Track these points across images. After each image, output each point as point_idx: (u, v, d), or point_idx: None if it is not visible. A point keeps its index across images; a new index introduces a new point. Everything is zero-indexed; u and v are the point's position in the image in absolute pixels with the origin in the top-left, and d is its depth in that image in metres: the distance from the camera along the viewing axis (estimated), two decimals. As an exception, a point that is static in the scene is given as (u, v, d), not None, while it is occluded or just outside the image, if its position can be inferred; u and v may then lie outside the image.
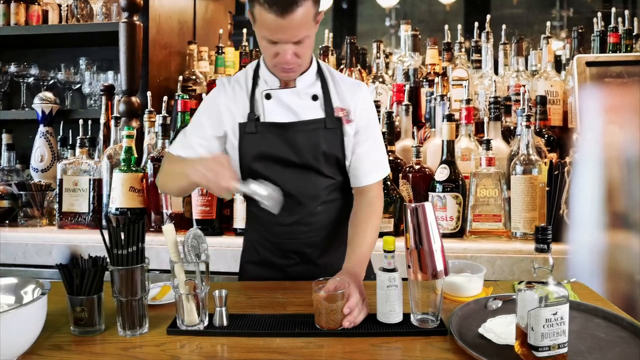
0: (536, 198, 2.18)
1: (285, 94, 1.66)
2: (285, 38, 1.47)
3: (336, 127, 1.66)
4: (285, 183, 1.66)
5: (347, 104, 1.68)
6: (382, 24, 3.71)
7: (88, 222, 2.56)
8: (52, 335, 1.31)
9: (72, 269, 1.30)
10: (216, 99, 1.69)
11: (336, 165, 1.71)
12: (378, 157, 1.75)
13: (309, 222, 1.71)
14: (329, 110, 1.66)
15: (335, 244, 1.77)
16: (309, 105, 1.67)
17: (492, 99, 2.45)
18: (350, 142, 1.69)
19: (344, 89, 1.70)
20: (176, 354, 1.21)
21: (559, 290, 1.07)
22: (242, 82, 1.71)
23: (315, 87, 1.68)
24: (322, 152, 1.65)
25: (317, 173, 1.69)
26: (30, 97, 3.10)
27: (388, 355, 1.21)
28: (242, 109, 1.67)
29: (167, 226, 1.32)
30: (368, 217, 1.69)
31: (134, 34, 2.78)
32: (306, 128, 1.64)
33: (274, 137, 1.65)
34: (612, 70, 2.48)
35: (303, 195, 1.69)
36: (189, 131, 1.71)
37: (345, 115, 1.67)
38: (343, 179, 1.75)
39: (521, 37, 2.79)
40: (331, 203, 1.74)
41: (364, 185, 1.73)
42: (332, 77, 1.71)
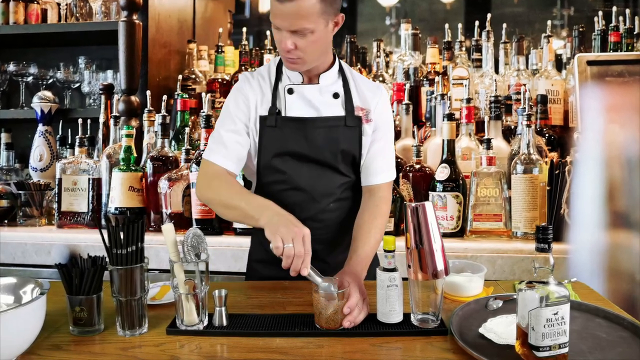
0: (537, 197, 2.18)
1: (308, 89, 1.68)
2: (282, 24, 1.50)
3: (356, 125, 1.69)
4: (300, 178, 1.68)
5: (367, 104, 1.71)
6: (382, 23, 3.70)
7: (87, 222, 2.56)
8: (51, 335, 1.31)
9: (71, 268, 1.30)
10: (243, 90, 1.70)
11: (352, 164, 1.73)
12: (389, 158, 1.77)
13: (321, 219, 1.71)
14: (350, 108, 1.69)
15: (346, 242, 1.76)
16: (330, 103, 1.69)
17: (493, 98, 2.45)
18: (368, 141, 1.72)
19: (364, 89, 1.73)
20: (175, 354, 1.21)
21: (559, 290, 1.07)
22: (265, 75, 1.73)
23: (337, 85, 1.71)
24: (340, 150, 1.68)
25: (333, 170, 1.71)
26: (29, 96, 3.10)
27: (388, 355, 1.21)
28: (265, 102, 1.69)
29: (166, 226, 1.33)
30: (373, 219, 1.68)
31: (133, 33, 2.78)
32: (326, 124, 1.67)
33: (293, 131, 1.66)
34: (613, 69, 2.48)
35: (317, 192, 1.70)
36: (221, 133, 1.67)
37: (365, 115, 1.70)
38: (356, 178, 1.77)
39: (522, 35, 2.79)
40: (344, 201, 1.75)
41: (373, 185, 1.73)
42: (353, 78, 1.75)
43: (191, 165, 2.34)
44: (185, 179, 2.39)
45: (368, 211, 1.71)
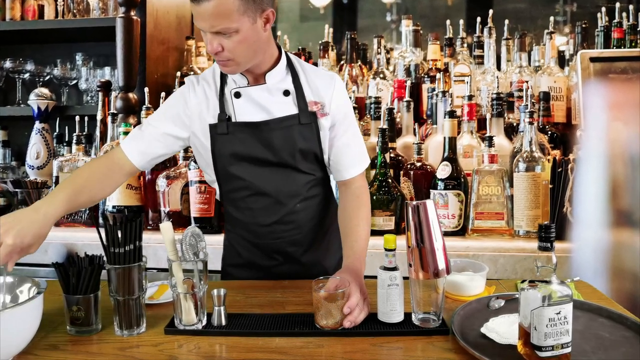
0: (539, 196, 2.18)
1: (255, 91, 1.63)
2: (203, 26, 1.47)
3: (311, 121, 1.64)
4: (262, 183, 1.66)
5: (322, 97, 1.67)
6: (383, 19, 3.69)
7: (85, 220, 2.56)
8: (48, 335, 1.31)
9: (69, 267, 1.31)
10: (186, 99, 1.66)
11: (314, 161, 1.70)
12: (358, 148, 1.74)
13: (289, 221, 1.71)
14: (303, 105, 1.64)
15: (318, 240, 1.77)
16: (281, 101, 1.64)
17: (495, 95, 2.45)
18: (327, 136, 1.68)
19: (316, 82, 1.68)
20: (174, 354, 1.21)
21: (562, 289, 1.07)
22: (210, 80, 1.68)
23: (286, 82, 1.66)
24: (298, 149, 1.64)
25: (295, 170, 1.67)
26: (25, 93, 3.10)
27: (389, 355, 1.21)
28: (212, 109, 1.65)
29: (164, 224, 1.32)
30: (358, 210, 1.68)
31: (131, 29, 2.77)
32: (280, 125, 1.62)
33: (248, 136, 1.63)
34: (616, 66, 2.48)
35: (282, 194, 1.68)
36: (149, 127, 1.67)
37: (320, 109, 1.66)
38: (323, 174, 1.75)
39: (524, 32, 2.78)
40: (311, 199, 1.73)
41: (347, 179, 1.72)
42: (303, 71, 1.69)
43: (190, 163, 2.34)
44: (183, 177, 2.38)
45: (350, 204, 1.70)
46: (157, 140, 1.65)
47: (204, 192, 2.32)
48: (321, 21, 3.59)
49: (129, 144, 1.66)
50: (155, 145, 1.66)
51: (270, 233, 1.72)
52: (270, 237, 1.73)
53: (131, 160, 1.64)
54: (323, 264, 1.78)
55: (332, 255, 1.80)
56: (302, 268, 1.76)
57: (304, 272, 1.73)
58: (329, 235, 1.80)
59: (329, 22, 3.50)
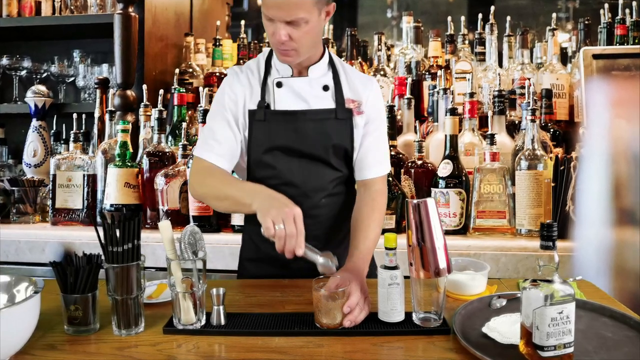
0: (541, 194, 2.18)
1: (297, 82, 1.68)
2: (277, 15, 1.50)
3: (346, 117, 1.69)
4: (292, 173, 1.68)
5: (359, 96, 1.72)
6: (383, 16, 3.69)
7: (82, 219, 2.56)
8: (46, 335, 1.30)
9: (66, 266, 1.30)
10: (232, 86, 1.70)
11: (344, 157, 1.73)
12: (384, 151, 1.78)
13: (312, 215, 1.70)
14: (340, 100, 1.69)
15: (338, 238, 1.77)
16: (320, 95, 1.69)
17: (497, 92, 2.45)
18: (360, 134, 1.72)
19: (355, 81, 1.74)
20: (173, 354, 1.21)
21: (564, 288, 1.07)
22: (254, 69, 1.73)
23: (326, 77, 1.71)
24: (332, 144, 1.68)
25: (325, 165, 1.71)
26: (22, 91, 3.10)
27: (389, 355, 1.21)
28: (254, 96, 1.69)
29: (163, 223, 1.32)
30: (371, 212, 1.69)
31: (129, 26, 2.77)
32: (316, 117, 1.67)
33: (283, 125, 1.67)
34: (619, 63, 2.48)
35: (309, 187, 1.70)
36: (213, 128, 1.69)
37: (357, 107, 1.70)
38: (349, 172, 1.77)
39: (526, 28, 2.78)
40: (335, 196, 1.75)
41: (368, 179, 1.74)
42: (343, 69, 1.75)
43: (188, 161, 2.34)
44: (182, 175, 2.38)
45: (365, 205, 1.71)
46: (234, 140, 1.68)
47: (202, 191, 2.32)
48: (321, 17, 3.57)
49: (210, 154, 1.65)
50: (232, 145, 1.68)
51: None
52: None
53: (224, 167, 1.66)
54: (340, 262, 1.77)
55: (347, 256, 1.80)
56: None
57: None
58: (347, 238, 1.80)
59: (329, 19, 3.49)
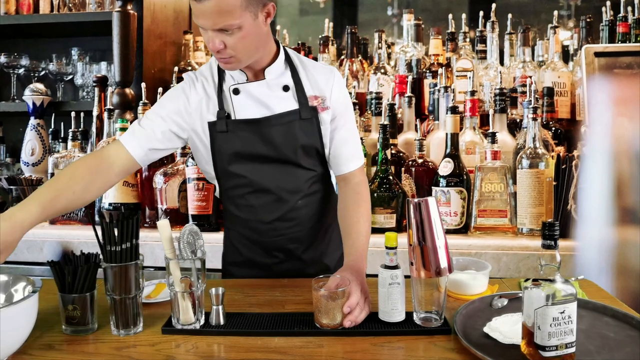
0: (543, 193, 2.18)
1: (254, 87, 1.63)
2: (205, 24, 1.44)
3: (312, 116, 1.65)
4: (263, 180, 1.66)
5: (322, 91, 1.67)
6: (384, 13, 3.69)
7: (80, 218, 2.56)
8: (44, 335, 1.30)
9: (64, 266, 1.30)
10: (188, 95, 1.64)
11: (316, 156, 1.71)
12: (357, 142, 1.75)
13: (291, 218, 1.71)
14: (303, 99, 1.64)
15: (319, 237, 1.77)
16: (281, 97, 1.64)
17: (498, 90, 2.45)
18: (328, 130, 1.68)
19: (316, 76, 1.68)
20: (171, 354, 1.21)
21: (566, 288, 1.06)
22: (208, 76, 1.67)
23: (285, 77, 1.66)
24: (300, 145, 1.64)
25: (296, 166, 1.68)
26: (20, 89, 3.10)
27: (390, 355, 1.21)
28: (212, 106, 1.64)
29: (162, 222, 1.32)
30: (358, 206, 1.68)
31: (127, 24, 2.77)
32: (281, 121, 1.62)
33: (248, 134, 1.62)
34: (621, 61, 2.47)
35: (283, 190, 1.68)
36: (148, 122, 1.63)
37: (321, 103, 1.66)
38: (324, 169, 1.75)
39: (528, 26, 2.77)
40: (312, 196, 1.74)
41: (346, 173, 1.72)
42: (302, 65, 1.69)
43: (187, 160, 2.34)
44: (181, 173, 2.38)
45: (350, 200, 1.69)
46: (158, 135, 1.62)
47: (201, 189, 2.32)
48: (321, 15, 3.58)
49: (129, 138, 1.61)
50: (156, 140, 1.62)
51: (272, 230, 1.72)
52: (272, 235, 1.73)
53: (132, 154, 1.59)
54: (324, 261, 1.79)
55: (332, 252, 1.81)
56: (303, 265, 1.76)
57: (305, 270, 1.73)
58: (330, 232, 1.80)
59: (329, 16, 3.49)
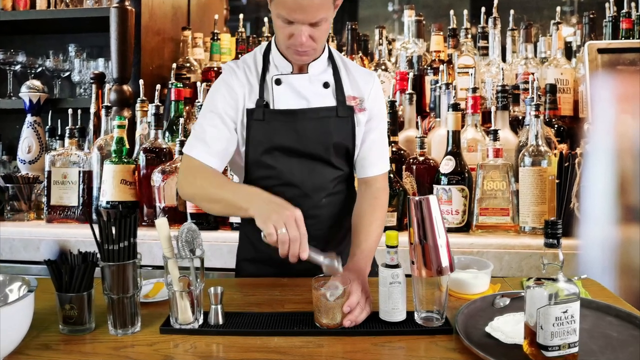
0: (545, 191, 2.18)
1: (297, 79, 1.65)
2: (302, 18, 1.46)
3: (348, 115, 1.67)
4: (291, 173, 1.66)
5: (360, 93, 1.69)
6: (384, 9, 3.69)
7: (77, 216, 2.55)
8: (40, 334, 1.30)
9: (61, 265, 1.30)
10: (230, 83, 1.65)
11: (345, 156, 1.72)
12: (384, 148, 1.77)
13: (313, 215, 1.69)
14: (341, 98, 1.67)
15: (338, 238, 1.77)
16: (320, 93, 1.66)
17: (500, 87, 2.44)
18: (361, 132, 1.70)
19: (356, 77, 1.71)
20: (170, 354, 1.21)
21: (569, 287, 1.06)
22: (251, 65, 1.69)
23: (327, 73, 1.68)
24: (333, 143, 1.65)
25: (325, 164, 1.69)
26: (17, 86, 3.09)
27: (391, 355, 1.21)
28: (253, 94, 1.65)
29: (160, 220, 1.32)
30: (373, 210, 1.68)
31: (125, 20, 2.76)
32: (317, 115, 1.64)
33: (283, 125, 1.64)
34: (625, 58, 2.47)
35: (309, 186, 1.68)
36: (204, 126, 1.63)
37: (358, 104, 1.68)
38: (349, 170, 1.76)
39: (530, 22, 2.77)
40: (336, 195, 1.74)
41: (370, 176, 1.73)
42: (344, 65, 1.72)
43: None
44: (179, 171, 2.38)
45: (367, 204, 1.70)
46: (227, 139, 1.63)
47: (200, 188, 2.31)
48: (321, 11, 3.56)
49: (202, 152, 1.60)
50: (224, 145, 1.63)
51: None
52: None
53: (211, 165, 1.60)
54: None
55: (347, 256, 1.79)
56: (318, 265, 1.74)
57: (319, 270, 1.71)
58: (349, 236, 1.79)
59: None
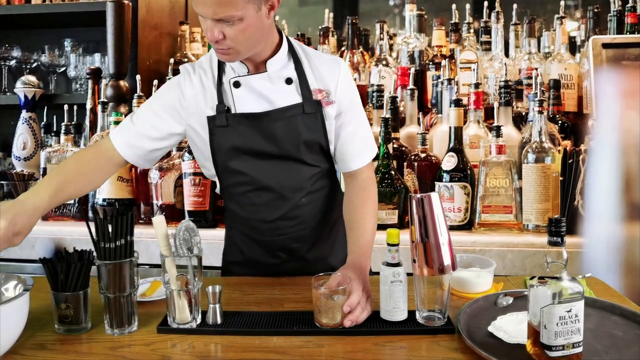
0: (549, 188, 2.18)
1: (256, 79, 1.60)
2: (204, 12, 1.41)
3: (316, 111, 1.61)
4: (265, 177, 1.64)
5: (326, 85, 1.64)
6: (385, 4, 3.68)
7: (73, 214, 2.55)
8: (36, 334, 1.30)
9: (57, 263, 1.30)
10: (183, 89, 1.62)
11: (320, 152, 1.68)
12: (365, 137, 1.72)
13: (294, 216, 1.69)
14: (306, 93, 1.61)
15: (324, 235, 1.76)
16: (284, 90, 1.61)
17: (503, 82, 2.44)
18: (333, 125, 1.66)
19: (320, 68, 1.65)
20: (167, 354, 1.21)
21: (573, 286, 1.06)
22: (207, 69, 1.64)
23: (288, 69, 1.63)
24: (303, 141, 1.61)
25: (299, 163, 1.65)
26: (12, 81, 3.09)
27: (392, 355, 1.20)
28: (210, 99, 1.61)
29: (157, 218, 1.32)
30: (364, 203, 1.66)
31: (122, 14, 2.76)
32: (283, 116, 1.59)
33: (248, 129, 1.60)
34: (629, 53, 2.47)
35: (286, 188, 1.65)
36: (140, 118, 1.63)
37: (325, 97, 1.63)
38: (329, 165, 1.73)
39: (533, 17, 2.77)
40: (317, 193, 1.71)
41: (354, 170, 1.70)
42: (306, 56, 1.66)
43: (183, 155, 2.33)
44: (177, 168, 2.38)
45: (356, 197, 1.68)
46: (150, 134, 1.62)
47: (198, 185, 2.32)
48: (321, 5, 3.57)
49: (118, 136, 1.62)
50: (147, 140, 1.62)
51: (274, 229, 1.70)
52: (274, 234, 1.71)
53: (121, 153, 1.61)
54: (329, 260, 1.76)
55: (338, 251, 1.78)
56: (306, 265, 1.73)
57: (309, 270, 1.70)
58: (335, 231, 1.78)
59: (329, 7, 3.48)
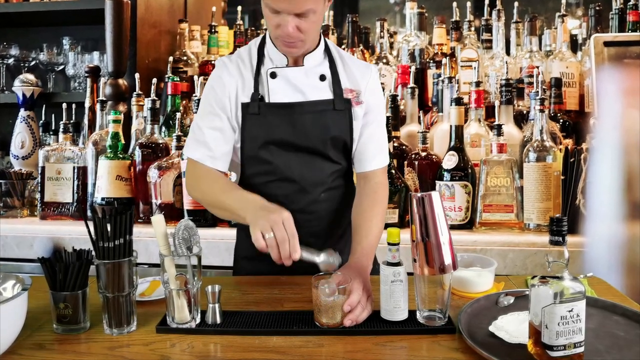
0: (550, 187, 2.18)
1: (292, 72, 1.66)
2: (287, 8, 1.47)
3: (345, 108, 1.67)
4: (289, 168, 1.67)
5: (357, 85, 1.70)
6: (386, 1, 3.69)
7: (72, 213, 2.55)
8: (34, 334, 1.30)
9: (55, 262, 1.30)
10: (222, 79, 1.66)
11: (343, 150, 1.72)
12: (383, 142, 1.77)
13: (312, 210, 1.70)
14: (338, 90, 1.67)
15: (338, 233, 1.77)
16: (317, 86, 1.67)
17: (504, 81, 2.44)
18: (359, 125, 1.70)
19: (353, 69, 1.71)
20: (166, 354, 1.21)
21: (575, 285, 1.06)
22: (245, 59, 1.70)
23: (323, 66, 1.69)
24: (330, 136, 1.66)
25: (323, 158, 1.69)
26: (10, 80, 3.09)
27: (392, 355, 1.21)
28: (247, 88, 1.66)
29: (156, 217, 1.32)
30: (373, 206, 1.68)
31: (121, 12, 2.76)
32: (314, 109, 1.65)
33: (279, 119, 1.64)
34: (631, 51, 2.47)
35: (307, 181, 1.68)
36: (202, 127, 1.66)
37: (355, 97, 1.69)
38: (347, 165, 1.76)
39: (534, 15, 2.77)
40: (335, 190, 1.74)
41: (368, 171, 1.73)
42: (340, 58, 1.72)
43: (182, 153, 2.33)
44: (176, 167, 2.38)
45: (367, 199, 1.70)
46: (224, 140, 1.66)
47: (197, 184, 2.31)
48: (321, 3, 3.56)
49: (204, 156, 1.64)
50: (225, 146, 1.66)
51: None
52: None
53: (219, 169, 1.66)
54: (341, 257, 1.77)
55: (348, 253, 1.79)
56: None
57: (319, 267, 1.71)
58: (348, 233, 1.79)
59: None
